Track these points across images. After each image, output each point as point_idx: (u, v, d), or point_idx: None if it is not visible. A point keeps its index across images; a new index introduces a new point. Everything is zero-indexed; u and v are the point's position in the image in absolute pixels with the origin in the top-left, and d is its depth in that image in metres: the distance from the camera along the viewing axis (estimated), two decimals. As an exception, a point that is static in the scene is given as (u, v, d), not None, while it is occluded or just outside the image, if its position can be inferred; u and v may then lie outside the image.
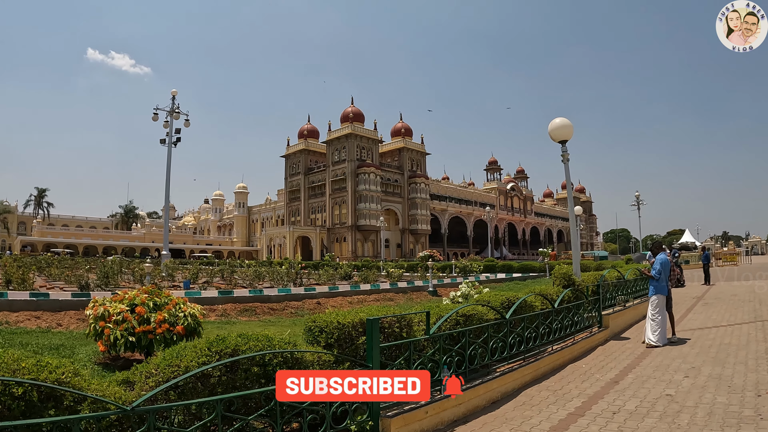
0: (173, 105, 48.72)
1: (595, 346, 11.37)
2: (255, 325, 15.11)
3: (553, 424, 6.36)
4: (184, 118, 49.41)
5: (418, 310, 7.13)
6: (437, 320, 6.72)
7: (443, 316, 6.76)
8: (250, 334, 5.35)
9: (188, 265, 41.30)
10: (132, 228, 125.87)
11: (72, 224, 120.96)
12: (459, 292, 16.49)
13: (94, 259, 52.80)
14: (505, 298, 8.57)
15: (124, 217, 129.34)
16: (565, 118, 13.11)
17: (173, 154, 41.43)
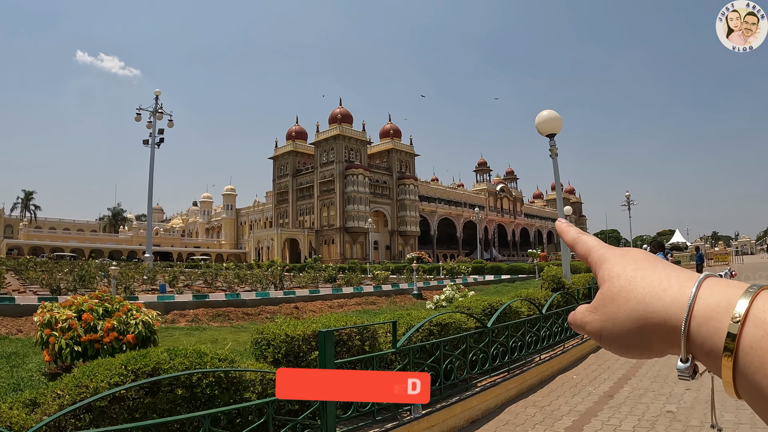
0: (156, 105, 47.99)
1: (586, 354, 10.56)
2: (226, 331, 14.25)
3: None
4: (168, 119, 48.77)
5: (397, 314, 6.33)
6: (407, 330, 5.88)
7: (414, 325, 5.92)
8: (179, 349, 4.52)
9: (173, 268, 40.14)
10: (119, 231, 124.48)
11: (59, 227, 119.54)
12: (443, 296, 15.68)
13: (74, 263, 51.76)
14: (487, 304, 7.72)
15: (112, 219, 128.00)
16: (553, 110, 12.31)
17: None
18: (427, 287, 25.90)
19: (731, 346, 0.46)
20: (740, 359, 0.46)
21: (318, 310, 17.39)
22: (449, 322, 6.43)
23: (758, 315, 0.46)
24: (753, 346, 0.45)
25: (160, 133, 48.21)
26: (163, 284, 24.26)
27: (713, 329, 0.48)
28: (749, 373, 0.45)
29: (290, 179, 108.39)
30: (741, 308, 0.47)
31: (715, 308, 0.49)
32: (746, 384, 0.46)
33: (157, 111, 47.99)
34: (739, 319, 0.46)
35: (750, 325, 0.46)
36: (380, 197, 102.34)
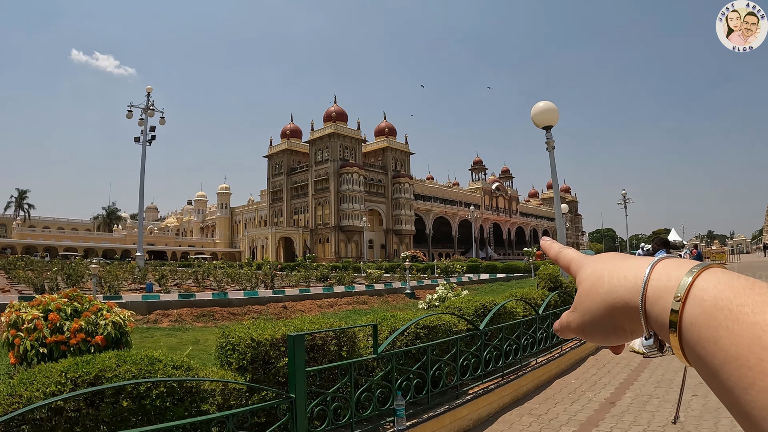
0: (148, 102, 47.34)
1: (585, 357, 10.04)
2: (209, 332, 13.71)
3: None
4: (159, 116, 48.16)
5: (381, 316, 5.80)
6: (391, 333, 5.35)
7: (398, 328, 5.38)
8: (129, 355, 4.01)
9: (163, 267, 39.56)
10: (113, 230, 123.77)
11: (53, 226, 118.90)
12: (435, 295, 15.16)
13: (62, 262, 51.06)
14: (480, 305, 7.17)
15: (106, 218, 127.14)
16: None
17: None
18: (420, 286, 25.36)
19: (675, 320, 0.51)
20: (684, 333, 0.50)
21: (307, 310, 16.85)
22: (438, 324, 5.89)
23: (697, 293, 0.50)
24: (693, 322, 0.49)
25: (151, 130, 47.60)
26: (150, 283, 23.70)
27: (661, 308, 0.53)
28: (691, 345, 0.50)
29: (285, 178, 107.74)
30: (683, 287, 0.51)
31: (663, 288, 0.53)
32: (692, 355, 0.50)
33: (148, 108, 47.30)
34: (680, 297, 0.51)
35: (690, 303, 0.50)
36: (375, 196, 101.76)
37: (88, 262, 46.46)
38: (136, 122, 46.18)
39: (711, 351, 0.47)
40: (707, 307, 0.49)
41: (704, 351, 0.48)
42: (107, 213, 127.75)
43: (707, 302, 0.49)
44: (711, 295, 0.49)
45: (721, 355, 0.46)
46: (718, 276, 0.51)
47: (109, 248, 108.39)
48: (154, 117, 47.11)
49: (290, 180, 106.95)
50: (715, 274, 0.52)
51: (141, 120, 46.53)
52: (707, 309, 0.49)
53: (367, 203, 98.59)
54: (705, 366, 0.49)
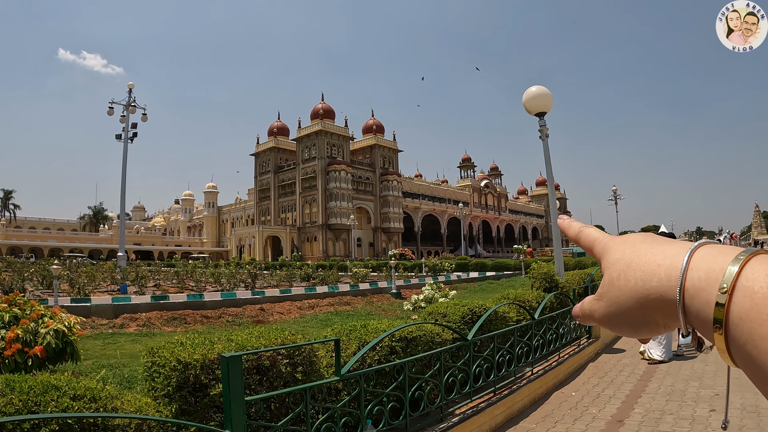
0: (129, 98, 46.23)
1: (584, 364, 9.14)
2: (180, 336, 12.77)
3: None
4: (141, 113, 47.05)
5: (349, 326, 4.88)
6: (359, 348, 4.42)
7: (369, 342, 4.45)
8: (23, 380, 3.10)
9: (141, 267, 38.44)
10: (100, 230, 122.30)
11: (39, 226, 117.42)
12: (421, 296, 14.25)
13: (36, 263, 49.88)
14: (468, 310, 6.23)
15: (93, 218, 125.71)
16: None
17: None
18: (407, 286, 24.49)
19: (720, 317, 0.44)
20: (730, 330, 0.44)
21: (286, 312, 15.93)
22: (418, 335, 4.95)
23: (746, 284, 0.44)
24: (742, 317, 0.43)
25: (133, 127, 46.53)
26: (125, 284, 22.66)
27: (704, 301, 0.46)
28: (740, 344, 0.43)
29: (272, 176, 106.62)
30: (729, 277, 0.45)
31: (705, 279, 0.47)
32: (739, 354, 0.44)
33: (130, 104, 46.19)
34: (726, 289, 0.44)
35: (738, 295, 0.44)
36: (363, 194, 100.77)
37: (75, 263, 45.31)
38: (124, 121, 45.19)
39: (765, 349, 0.41)
40: (759, 299, 0.42)
41: (756, 350, 0.42)
42: (94, 213, 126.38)
43: (759, 294, 0.42)
44: (763, 285, 0.43)
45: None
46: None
47: (95, 248, 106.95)
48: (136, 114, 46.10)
49: (277, 178, 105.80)
50: (766, 261, 0.45)
51: (123, 117, 45.52)
52: (759, 302, 0.42)
53: (355, 201, 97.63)
54: (757, 367, 0.42)
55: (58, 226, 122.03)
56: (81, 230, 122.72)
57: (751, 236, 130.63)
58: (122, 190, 47.10)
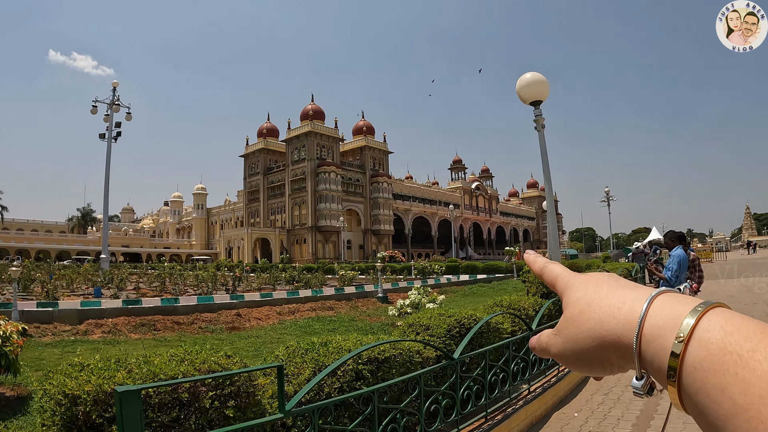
0: (114, 97, 45.11)
1: (586, 378, 8.22)
2: (148, 344, 11.82)
3: None
4: (126, 111, 45.93)
5: (305, 344, 3.94)
6: (316, 373, 3.49)
7: (328, 365, 3.51)
8: None
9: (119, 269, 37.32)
10: (88, 232, 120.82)
11: (27, 228, 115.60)
12: (407, 300, 13.35)
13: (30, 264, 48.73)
14: (455, 321, 5.28)
15: (81, 220, 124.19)
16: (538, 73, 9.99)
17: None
18: (395, 289, 23.55)
19: (675, 365, 0.46)
20: (684, 378, 0.45)
21: (264, 318, 14.95)
22: (392, 355, 4.02)
23: (702, 335, 0.45)
24: (696, 366, 0.44)
25: (117, 126, 45.39)
26: (99, 287, 21.62)
27: (660, 348, 0.47)
28: (692, 393, 0.45)
29: (261, 177, 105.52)
30: (686, 327, 0.46)
31: (662, 326, 0.48)
32: (690, 402, 0.45)
33: (114, 103, 45.04)
34: (683, 338, 0.46)
35: (694, 345, 0.45)
36: (353, 195, 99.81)
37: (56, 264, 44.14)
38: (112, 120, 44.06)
39: (716, 400, 0.42)
40: (714, 350, 0.43)
41: (708, 399, 0.43)
42: (82, 215, 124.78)
43: (714, 345, 0.44)
44: (718, 337, 0.44)
45: (729, 405, 0.41)
46: (725, 316, 0.46)
47: (82, 250, 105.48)
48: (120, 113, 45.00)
49: (267, 180, 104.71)
50: (722, 314, 0.47)
51: (107, 116, 44.42)
52: (714, 353, 0.43)
53: (344, 203, 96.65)
54: (707, 416, 0.43)
55: (46, 228, 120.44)
56: (69, 232, 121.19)
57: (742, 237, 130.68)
58: (105, 190, 46.04)
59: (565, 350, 0.58)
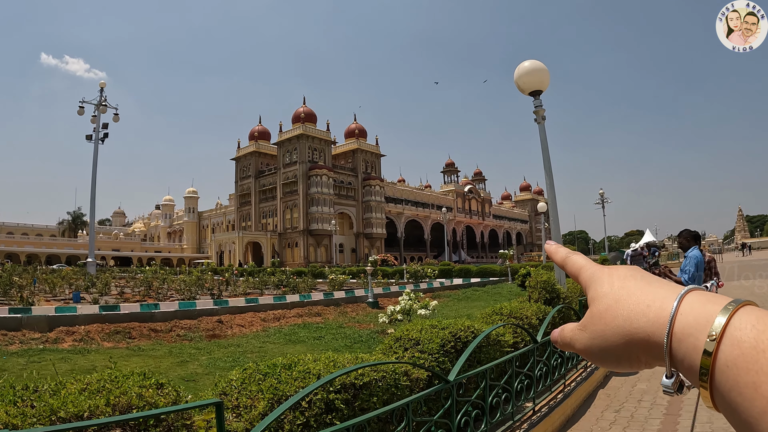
0: (101, 98, 44.20)
1: (594, 391, 7.49)
2: (120, 353, 11.04)
3: None
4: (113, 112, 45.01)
5: (265, 367, 3.19)
6: (273, 406, 2.73)
7: (290, 397, 2.75)
8: None
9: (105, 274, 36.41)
10: (78, 235, 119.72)
11: (17, 232, 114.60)
12: (398, 307, 12.56)
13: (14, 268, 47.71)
14: (450, 335, 4.48)
15: (72, 224, 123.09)
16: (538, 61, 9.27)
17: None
18: (386, 294, 22.77)
19: (707, 363, 0.46)
20: (716, 376, 0.46)
21: (247, 325, 14.16)
22: (373, 379, 3.26)
23: (734, 333, 0.45)
24: (729, 365, 0.45)
25: (104, 127, 44.45)
26: (77, 293, 20.77)
27: (691, 346, 0.48)
28: (725, 391, 0.45)
29: (253, 181, 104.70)
30: (718, 326, 0.46)
31: (693, 325, 0.49)
32: (722, 400, 0.46)
33: (101, 104, 44.10)
34: (715, 337, 0.46)
35: (726, 343, 0.45)
36: (345, 199, 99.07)
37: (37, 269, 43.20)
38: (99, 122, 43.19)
39: (750, 397, 0.42)
40: (746, 349, 0.44)
41: (741, 397, 0.43)
42: (72, 218, 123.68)
43: (746, 344, 0.44)
44: (751, 336, 0.45)
45: (762, 402, 0.41)
46: (757, 315, 0.47)
47: (72, 254, 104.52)
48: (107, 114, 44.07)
49: (258, 183, 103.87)
50: (754, 312, 0.47)
51: (94, 117, 43.54)
52: (746, 351, 0.44)
53: (336, 206, 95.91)
54: (740, 414, 0.43)
55: (36, 232, 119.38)
56: (60, 236, 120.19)
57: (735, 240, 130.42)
58: (92, 192, 44.96)
59: (592, 346, 0.58)
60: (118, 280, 33.05)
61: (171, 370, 9.36)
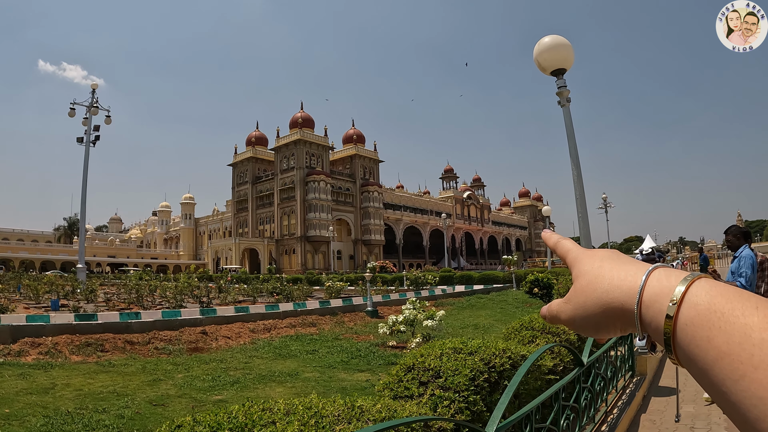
0: (92, 100, 43.09)
1: (635, 417, 6.28)
2: (88, 368, 9.84)
3: None
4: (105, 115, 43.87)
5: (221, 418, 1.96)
6: None
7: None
8: None
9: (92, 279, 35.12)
10: (74, 242, 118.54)
11: (12, 237, 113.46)
12: (401, 317, 11.31)
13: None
14: (481, 363, 3.19)
15: (67, 230, 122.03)
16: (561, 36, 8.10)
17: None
18: (386, 302, 21.54)
19: (670, 325, 0.56)
20: (677, 334, 0.56)
21: (234, 336, 12.94)
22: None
23: (691, 299, 0.56)
24: (687, 323, 0.55)
25: (96, 129, 43.28)
26: (56, 300, 19.56)
27: (657, 311, 0.58)
28: (684, 345, 0.55)
29: (250, 187, 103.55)
30: (678, 293, 0.57)
31: (659, 293, 0.59)
32: (683, 354, 0.56)
33: (92, 105, 42.91)
34: (675, 302, 0.56)
35: (685, 307, 0.56)
36: (343, 205, 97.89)
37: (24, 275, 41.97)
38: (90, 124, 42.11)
39: (704, 348, 0.52)
40: (701, 310, 0.54)
41: (698, 349, 0.53)
42: (69, 224, 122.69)
43: (701, 306, 0.54)
44: (704, 300, 0.55)
45: (714, 352, 0.51)
46: (710, 284, 0.57)
47: (68, 260, 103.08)
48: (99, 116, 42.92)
49: (255, 189, 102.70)
50: (708, 283, 0.57)
51: (85, 119, 42.43)
52: (701, 312, 0.54)
53: (334, 212, 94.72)
54: (697, 363, 0.54)
55: (32, 238, 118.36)
56: (56, 242, 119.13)
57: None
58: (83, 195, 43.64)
59: (575, 316, 0.67)
60: (109, 287, 31.87)
61: (140, 391, 8.14)
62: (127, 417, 6.73)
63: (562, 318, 0.70)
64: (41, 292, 23.36)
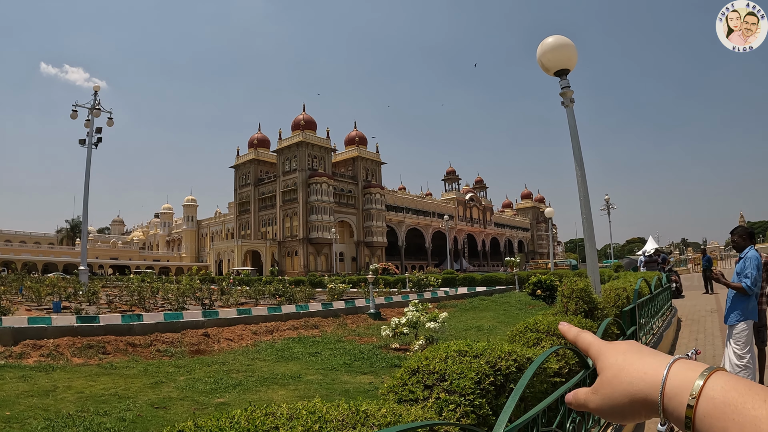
0: (94, 101, 43.11)
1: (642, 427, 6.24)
2: (89, 371, 9.80)
3: None
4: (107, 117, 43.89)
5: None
6: None
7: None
8: None
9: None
10: (76, 244, 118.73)
11: (15, 239, 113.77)
12: (403, 319, 11.29)
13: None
14: (487, 365, 3.12)
15: (70, 232, 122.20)
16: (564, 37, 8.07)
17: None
18: (388, 304, 21.50)
19: (690, 414, 0.63)
20: (696, 424, 0.63)
21: (237, 338, 12.91)
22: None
23: (708, 393, 0.63)
24: (705, 416, 0.62)
25: (98, 131, 43.29)
26: (57, 302, 19.55)
27: (678, 403, 0.65)
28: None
29: (252, 189, 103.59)
30: (696, 387, 0.64)
31: (679, 386, 0.66)
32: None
33: (94, 107, 42.92)
34: (695, 396, 0.63)
35: (703, 400, 0.63)
36: (345, 207, 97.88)
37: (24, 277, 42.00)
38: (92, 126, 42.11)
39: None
40: (717, 403, 0.61)
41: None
42: (71, 226, 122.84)
43: (717, 399, 0.62)
44: (720, 394, 0.62)
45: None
46: (725, 379, 0.64)
47: (70, 262, 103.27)
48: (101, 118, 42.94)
49: (257, 191, 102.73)
50: (723, 376, 0.65)
51: (87, 121, 42.45)
52: (717, 405, 0.61)
53: (337, 214, 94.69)
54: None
55: (34, 240, 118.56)
56: (58, 244, 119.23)
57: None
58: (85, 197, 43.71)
59: (603, 405, 0.74)
60: (111, 289, 31.87)
61: (141, 394, 8.10)
62: (129, 420, 6.70)
63: (590, 406, 0.77)
64: (43, 294, 23.40)
